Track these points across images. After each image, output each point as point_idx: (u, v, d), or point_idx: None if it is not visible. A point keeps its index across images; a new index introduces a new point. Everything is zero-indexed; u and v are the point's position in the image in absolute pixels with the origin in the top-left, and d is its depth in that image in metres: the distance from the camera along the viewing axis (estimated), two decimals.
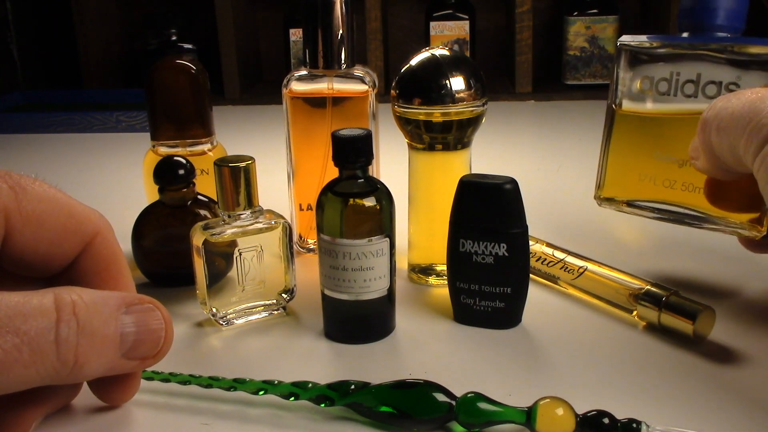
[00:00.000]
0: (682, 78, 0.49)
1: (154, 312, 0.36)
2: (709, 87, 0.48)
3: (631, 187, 0.53)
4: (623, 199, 0.53)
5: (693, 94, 0.49)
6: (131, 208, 0.57)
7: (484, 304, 0.48)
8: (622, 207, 0.53)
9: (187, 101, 0.62)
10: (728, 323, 0.46)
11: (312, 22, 0.56)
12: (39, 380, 0.32)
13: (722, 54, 0.47)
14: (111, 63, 1.41)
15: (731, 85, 0.47)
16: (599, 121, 0.58)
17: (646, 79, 0.51)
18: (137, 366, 0.36)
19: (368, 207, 0.45)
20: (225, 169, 0.47)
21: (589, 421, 0.35)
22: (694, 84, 0.48)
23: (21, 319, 0.31)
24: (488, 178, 0.47)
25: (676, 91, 0.49)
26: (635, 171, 0.52)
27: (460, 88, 0.49)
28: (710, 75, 0.48)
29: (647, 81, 0.51)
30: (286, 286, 0.50)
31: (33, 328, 0.31)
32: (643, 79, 0.51)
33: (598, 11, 1.22)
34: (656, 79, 0.50)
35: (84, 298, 0.33)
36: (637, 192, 0.52)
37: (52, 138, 1.07)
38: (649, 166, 0.51)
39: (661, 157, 0.50)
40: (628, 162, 0.53)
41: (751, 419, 0.38)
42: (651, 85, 0.51)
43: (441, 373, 0.41)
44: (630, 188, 0.53)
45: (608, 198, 0.54)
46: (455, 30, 1.26)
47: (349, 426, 0.38)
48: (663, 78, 0.50)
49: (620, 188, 0.53)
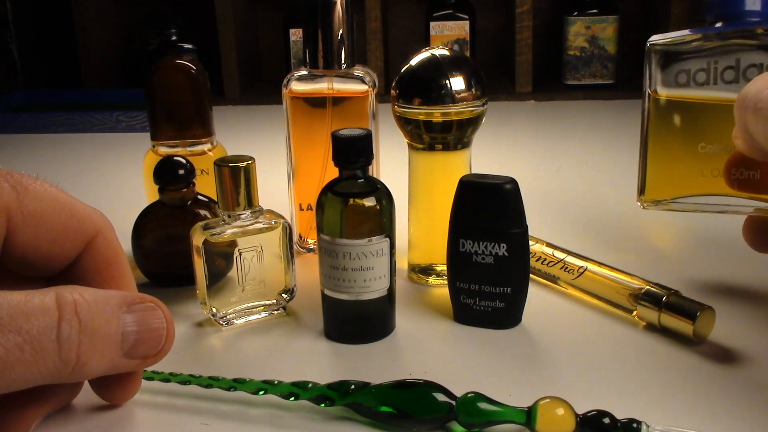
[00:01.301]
0: (721, 66, 0.48)
1: (156, 311, 0.36)
2: (750, 70, 0.47)
3: (675, 184, 0.51)
4: (670, 198, 0.52)
5: (734, 79, 0.47)
6: (131, 208, 0.57)
7: (484, 304, 0.48)
8: (670, 205, 0.52)
9: (187, 101, 0.62)
10: (728, 323, 0.46)
11: (312, 22, 0.55)
12: (40, 379, 0.32)
13: (757, 40, 0.46)
14: (111, 63, 1.41)
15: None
16: (599, 121, 0.59)
17: (683, 72, 0.49)
18: (138, 365, 0.36)
19: (368, 207, 0.45)
20: (225, 169, 0.47)
21: (589, 421, 0.35)
22: (734, 70, 0.47)
23: (23, 318, 0.31)
24: (488, 178, 0.47)
25: (715, 80, 0.48)
26: (679, 166, 0.51)
27: (460, 88, 0.49)
28: (750, 59, 0.47)
29: (684, 74, 0.49)
30: (286, 286, 0.50)
31: (35, 327, 0.31)
32: (679, 73, 0.50)
33: (598, 11, 1.22)
34: (693, 71, 0.49)
35: (85, 297, 0.33)
36: (683, 188, 0.51)
37: (52, 138, 1.07)
38: (694, 158, 0.50)
39: (707, 148, 0.49)
40: (671, 158, 0.51)
41: (751, 419, 0.38)
42: (688, 78, 0.49)
43: (441, 373, 0.41)
44: (675, 185, 0.51)
45: (654, 200, 0.53)
46: (455, 30, 1.26)
47: (349, 426, 0.38)
48: (700, 69, 0.49)
49: (665, 187, 0.52)
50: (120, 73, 1.43)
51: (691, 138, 0.50)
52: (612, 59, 1.22)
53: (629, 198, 0.72)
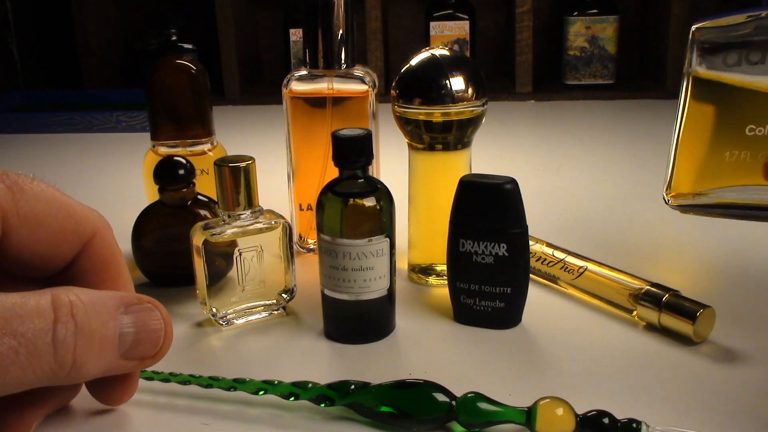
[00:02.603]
0: None
1: (153, 312, 0.36)
2: None
3: (716, 173, 0.46)
4: (705, 190, 0.47)
5: None
6: (131, 208, 0.57)
7: (484, 304, 0.48)
8: (706, 197, 0.47)
9: (187, 101, 0.62)
10: (728, 323, 0.46)
11: (312, 22, 0.56)
12: (37, 382, 0.32)
13: None
14: (111, 63, 1.41)
15: None
16: (599, 120, 0.58)
17: (733, 53, 0.46)
18: (136, 366, 0.36)
19: (368, 207, 0.45)
20: (225, 169, 0.47)
21: (589, 421, 0.35)
22: None
23: (18, 321, 0.30)
24: (488, 178, 0.47)
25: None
26: (722, 151, 0.46)
27: (460, 88, 0.49)
28: None
29: (734, 55, 0.46)
30: (286, 286, 0.50)
31: (30, 330, 0.31)
32: (729, 54, 0.46)
33: (598, 11, 1.22)
34: (745, 51, 0.45)
35: (82, 298, 0.33)
36: (724, 178, 0.46)
37: (52, 138, 1.07)
38: (742, 142, 0.45)
39: (756, 131, 0.45)
40: (712, 143, 0.47)
41: (751, 419, 0.38)
42: (740, 58, 0.46)
43: (441, 373, 0.41)
44: (715, 174, 0.47)
45: (684, 194, 0.48)
46: (455, 30, 1.26)
47: (349, 426, 0.38)
48: (755, 48, 0.45)
49: (700, 178, 0.47)
50: (120, 73, 1.43)
51: (738, 121, 0.46)
52: (612, 59, 1.22)
53: (630, 198, 0.72)
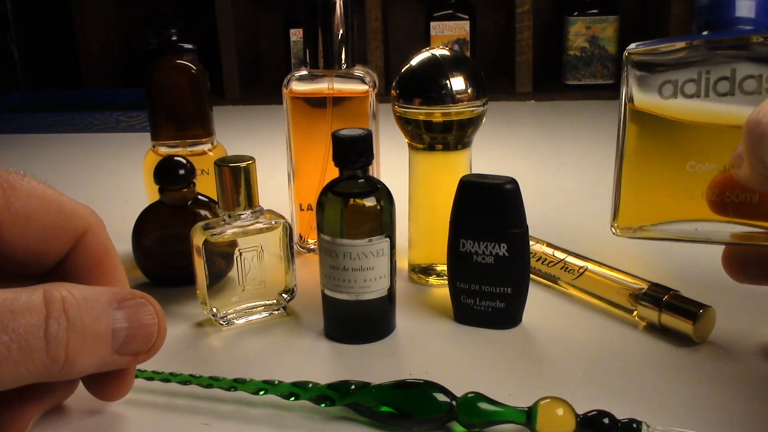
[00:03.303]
0: (714, 76, 0.42)
1: (146, 307, 0.36)
2: (748, 82, 0.41)
3: (658, 208, 0.45)
4: (648, 224, 0.45)
5: (728, 91, 0.42)
6: (131, 208, 0.57)
7: (484, 304, 0.48)
8: (649, 232, 0.45)
9: (187, 101, 0.62)
10: (728, 323, 0.46)
11: (312, 22, 0.56)
12: (29, 377, 0.32)
13: (751, 51, 0.41)
14: (111, 63, 1.41)
15: None
16: (599, 120, 0.58)
17: (669, 83, 0.44)
18: (130, 362, 0.36)
19: (368, 207, 0.45)
20: (225, 169, 0.47)
21: (589, 421, 0.35)
22: (729, 81, 0.42)
23: (9, 316, 0.30)
24: (488, 178, 0.47)
25: (707, 92, 0.43)
26: (663, 187, 0.44)
27: (460, 88, 0.49)
28: (747, 70, 0.41)
29: (670, 86, 0.44)
30: (287, 286, 0.50)
31: (22, 325, 0.31)
32: (665, 84, 0.44)
33: (598, 11, 1.22)
34: (681, 81, 0.44)
35: (74, 294, 0.33)
36: (664, 213, 0.45)
37: (52, 138, 1.07)
38: (682, 178, 0.43)
39: (697, 167, 0.43)
40: (652, 179, 0.45)
41: (750, 419, 0.38)
42: (675, 89, 0.44)
43: (441, 373, 0.41)
44: (657, 209, 0.45)
45: (629, 227, 0.46)
46: (455, 30, 1.26)
47: (349, 426, 0.38)
48: (690, 79, 0.43)
49: (644, 212, 0.46)
50: (120, 73, 1.43)
51: (678, 156, 0.44)
52: (612, 59, 1.22)
53: None
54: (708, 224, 0.43)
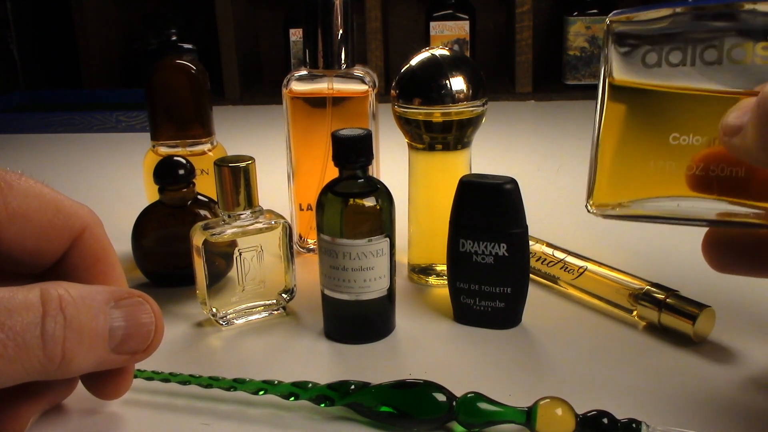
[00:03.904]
0: (700, 44, 0.40)
1: (144, 306, 0.36)
2: (736, 51, 0.39)
3: (637, 183, 0.43)
4: (626, 201, 0.43)
5: (716, 60, 0.40)
6: (131, 208, 0.57)
7: (484, 304, 0.48)
8: (628, 209, 0.43)
9: (187, 101, 0.62)
10: (728, 323, 0.46)
11: (312, 22, 0.55)
12: (26, 376, 0.31)
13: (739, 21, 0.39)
14: (111, 63, 1.41)
15: (764, 46, 0.38)
16: None
17: (652, 52, 0.41)
18: (127, 361, 0.36)
19: (368, 207, 0.45)
20: (225, 169, 0.47)
21: (589, 421, 0.35)
22: (716, 49, 0.39)
23: (6, 314, 0.30)
24: (488, 178, 0.47)
25: (693, 60, 0.40)
26: (643, 162, 0.42)
27: (460, 88, 0.49)
28: (735, 38, 0.39)
29: (654, 54, 0.41)
30: (286, 286, 0.50)
31: (18, 323, 0.31)
32: (648, 53, 0.42)
33: (598, 11, 1.22)
34: (666, 49, 0.41)
35: (71, 292, 0.33)
36: (646, 189, 0.42)
37: (52, 138, 1.07)
38: (664, 152, 0.41)
39: (680, 139, 0.41)
40: (633, 152, 0.43)
41: (750, 419, 0.38)
42: (659, 58, 0.41)
43: (441, 373, 0.41)
44: (636, 185, 0.43)
45: (606, 204, 0.44)
46: (455, 30, 1.26)
47: (349, 426, 0.38)
48: (675, 47, 0.41)
49: (622, 188, 0.43)
50: (120, 73, 1.43)
51: (661, 128, 0.42)
52: None
53: None
54: (690, 201, 0.41)
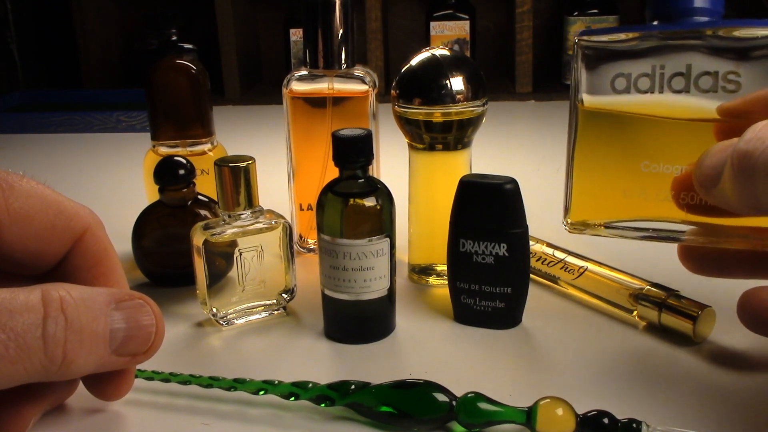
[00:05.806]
0: (668, 71, 0.40)
1: (145, 308, 0.36)
2: (704, 79, 0.40)
3: (611, 205, 0.43)
4: (601, 222, 0.44)
5: (684, 88, 0.40)
6: (131, 208, 0.57)
7: (484, 304, 0.48)
8: (600, 230, 0.44)
9: (187, 101, 0.62)
10: (728, 323, 0.46)
11: (312, 22, 0.56)
12: (27, 377, 0.31)
13: (705, 41, 0.39)
14: (111, 63, 1.41)
15: (730, 74, 0.39)
16: None
17: (621, 77, 0.42)
18: (128, 362, 0.36)
19: (368, 207, 0.45)
20: (225, 169, 0.47)
21: (589, 421, 0.35)
22: (684, 77, 0.40)
23: (7, 315, 0.30)
24: (488, 178, 0.47)
25: (662, 87, 0.41)
26: (616, 187, 0.43)
27: (460, 88, 0.49)
28: (702, 65, 0.40)
29: (623, 80, 0.42)
30: (287, 286, 0.50)
31: (19, 324, 0.31)
32: (617, 78, 0.42)
33: (598, 11, 1.22)
34: (634, 75, 0.41)
35: (72, 294, 0.33)
36: (620, 210, 0.43)
37: (52, 138, 1.07)
38: (636, 179, 0.42)
39: (652, 167, 0.41)
40: (606, 176, 0.44)
41: (750, 419, 0.38)
42: (628, 83, 0.42)
43: (441, 373, 0.41)
44: (610, 206, 0.43)
45: (581, 222, 0.44)
46: (455, 30, 1.26)
47: (349, 426, 0.38)
48: (643, 74, 0.41)
49: (596, 209, 0.44)
50: (120, 73, 1.43)
51: (631, 156, 0.42)
52: None
53: None
54: (665, 224, 0.42)
